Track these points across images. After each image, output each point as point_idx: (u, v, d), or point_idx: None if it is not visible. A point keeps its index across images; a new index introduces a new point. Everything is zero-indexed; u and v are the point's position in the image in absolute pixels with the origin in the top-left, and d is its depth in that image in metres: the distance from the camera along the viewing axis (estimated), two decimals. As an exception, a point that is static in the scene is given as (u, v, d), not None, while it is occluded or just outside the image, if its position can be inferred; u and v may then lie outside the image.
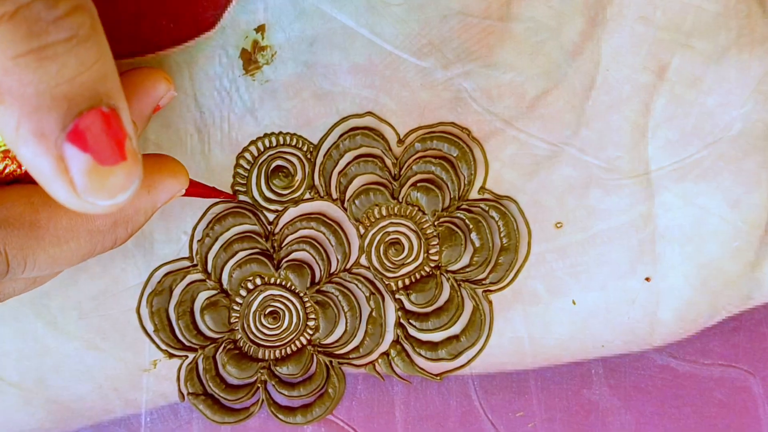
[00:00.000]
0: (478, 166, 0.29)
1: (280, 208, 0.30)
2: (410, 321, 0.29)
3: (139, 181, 0.18)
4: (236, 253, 0.30)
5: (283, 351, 0.30)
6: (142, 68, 0.24)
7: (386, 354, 0.30)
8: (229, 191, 0.29)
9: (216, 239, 0.30)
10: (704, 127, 0.29)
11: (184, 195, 0.25)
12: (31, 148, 0.16)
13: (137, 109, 0.23)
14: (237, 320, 0.30)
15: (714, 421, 0.29)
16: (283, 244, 0.30)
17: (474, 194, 0.29)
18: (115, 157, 0.17)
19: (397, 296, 0.30)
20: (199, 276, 0.30)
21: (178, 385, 0.30)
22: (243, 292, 0.30)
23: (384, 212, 0.30)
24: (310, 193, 0.30)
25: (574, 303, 0.29)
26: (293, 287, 0.30)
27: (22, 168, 0.20)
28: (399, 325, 0.30)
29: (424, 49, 0.29)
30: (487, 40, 0.29)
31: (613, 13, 0.29)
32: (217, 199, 0.29)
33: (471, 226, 0.29)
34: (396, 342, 0.30)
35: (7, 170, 0.20)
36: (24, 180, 0.20)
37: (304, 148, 0.30)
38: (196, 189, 0.27)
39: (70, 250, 0.20)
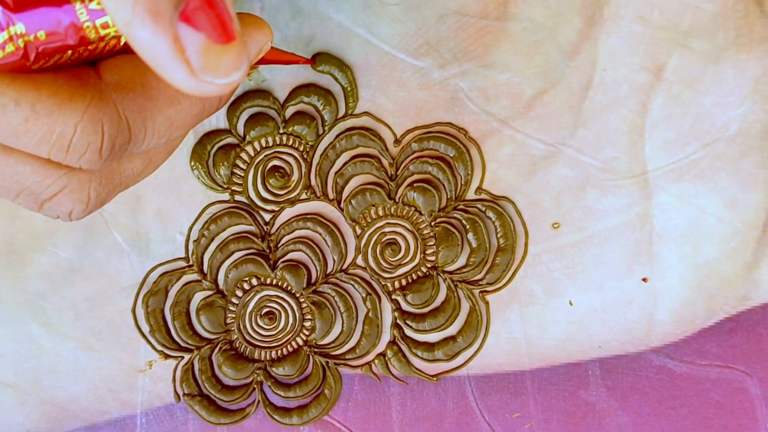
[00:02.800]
0: (474, 167, 0.29)
1: (276, 209, 0.30)
2: (407, 322, 0.29)
3: (249, 61, 0.18)
4: (232, 253, 0.30)
5: (279, 352, 0.30)
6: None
7: (383, 355, 0.30)
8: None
9: (212, 239, 0.30)
10: (702, 127, 0.29)
11: (264, 61, 0.24)
12: (148, 28, 0.16)
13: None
14: (233, 321, 0.30)
15: (711, 422, 0.29)
16: (279, 245, 0.30)
17: (471, 194, 0.29)
18: (225, 36, 0.17)
19: (393, 297, 0.29)
20: (194, 276, 0.30)
21: (174, 386, 0.30)
22: (239, 293, 0.30)
23: (380, 212, 0.30)
24: (306, 193, 0.29)
25: (571, 303, 0.29)
26: (289, 288, 0.30)
27: (121, 41, 0.19)
28: (395, 325, 0.30)
29: (421, 49, 0.29)
30: (483, 40, 0.29)
31: (610, 12, 0.29)
32: (297, 65, 0.28)
33: (468, 227, 0.29)
34: (392, 343, 0.30)
35: (107, 47, 0.19)
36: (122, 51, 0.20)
37: (301, 148, 0.29)
38: (275, 52, 0.26)
39: (184, 109, 0.20)
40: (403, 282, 0.30)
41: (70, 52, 0.18)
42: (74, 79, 0.18)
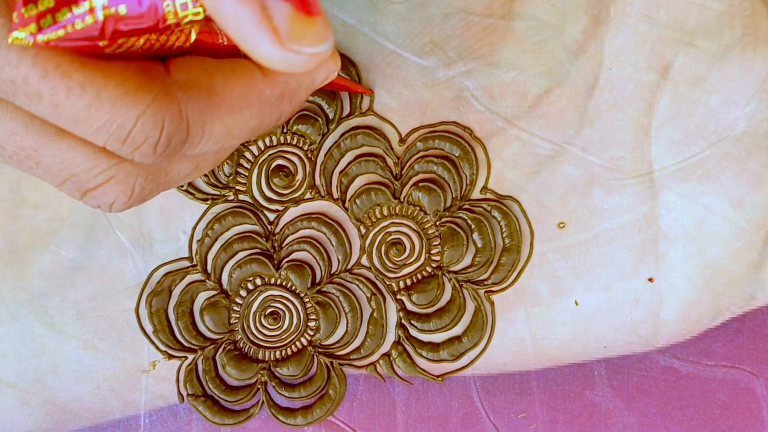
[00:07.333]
0: (480, 166, 0.29)
1: (280, 208, 0.29)
2: (412, 322, 0.29)
3: (333, 39, 0.18)
4: (236, 253, 0.29)
5: (283, 352, 0.30)
6: None
7: (387, 355, 0.29)
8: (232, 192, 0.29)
9: (216, 239, 0.29)
10: (708, 126, 0.29)
11: (328, 86, 0.24)
12: None
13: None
14: (237, 321, 0.30)
15: (717, 423, 0.29)
16: (283, 244, 0.29)
17: (476, 194, 0.29)
18: (312, 8, 0.17)
19: (398, 297, 0.29)
20: (198, 276, 0.30)
21: (178, 387, 0.30)
22: (243, 293, 0.30)
23: (385, 212, 0.29)
24: (310, 192, 0.29)
25: (576, 303, 0.29)
26: (294, 288, 0.29)
27: (191, 38, 0.19)
28: (400, 325, 0.29)
29: (426, 47, 0.29)
30: (489, 39, 0.29)
31: (616, 11, 0.28)
32: (354, 91, 0.29)
33: (473, 226, 0.29)
34: (397, 343, 0.29)
35: (177, 44, 0.19)
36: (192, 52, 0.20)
37: (305, 147, 0.29)
38: (340, 79, 0.26)
39: (243, 120, 0.20)
40: (408, 282, 0.29)
41: (142, 40, 0.18)
42: (143, 71, 0.17)
